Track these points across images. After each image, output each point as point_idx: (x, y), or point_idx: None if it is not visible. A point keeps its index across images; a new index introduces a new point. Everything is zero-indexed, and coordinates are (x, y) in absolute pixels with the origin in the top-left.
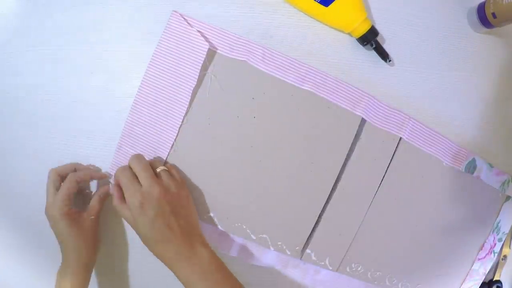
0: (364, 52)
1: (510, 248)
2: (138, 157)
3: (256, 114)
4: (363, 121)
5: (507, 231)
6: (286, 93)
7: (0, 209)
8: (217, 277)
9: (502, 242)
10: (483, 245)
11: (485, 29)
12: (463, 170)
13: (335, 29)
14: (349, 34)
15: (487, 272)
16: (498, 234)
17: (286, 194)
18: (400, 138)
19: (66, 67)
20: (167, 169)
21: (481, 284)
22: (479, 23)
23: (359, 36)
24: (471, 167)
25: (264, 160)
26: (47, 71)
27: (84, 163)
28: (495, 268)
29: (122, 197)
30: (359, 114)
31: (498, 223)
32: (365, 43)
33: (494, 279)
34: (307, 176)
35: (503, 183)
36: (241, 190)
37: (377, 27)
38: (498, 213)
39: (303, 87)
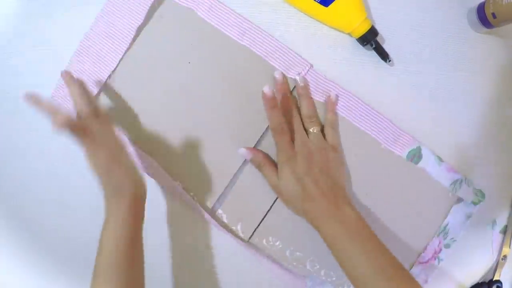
0: (364, 52)
1: (510, 248)
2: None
3: (191, 60)
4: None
5: (456, 238)
6: (224, 45)
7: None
8: (363, 237)
9: (449, 249)
10: (426, 247)
11: (485, 29)
12: (405, 158)
13: (335, 29)
14: (349, 34)
15: (428, 281)
16: (445, 239)
17: (208, 145)
18: None
19: (66, 67)
20: (319, 129)
21: (481, 284)
22: (479, 23)
23: (359, 36)
24: (415, 156)
25: (192, 105)
26: (47, 71)
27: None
28: (495, 268)
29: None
30: (291, 77)
31: (446, 226)
32: (365, 43)
33: (494, 279)
34: (231, 131)
35: (454, 182)
36: (165, 132)
37: (377, 27)
38: (446, 215)
39: (241, 42)
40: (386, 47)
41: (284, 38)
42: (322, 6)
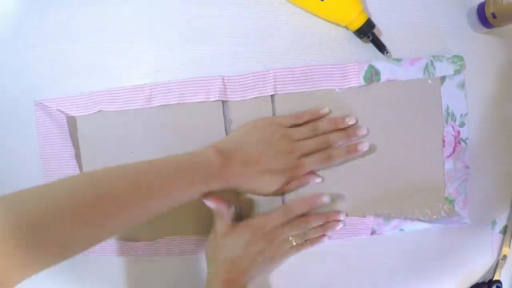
0: (362, 46)
1: (510, 248)
2: None
3: (133, 149)
4: (225, 103)
5: (464, 112)
6: (141, 119)
7: None
8: None
9: (464, 127)
10: (444, 141)
11: (485, 29)
12: (364, 83)
13: (332, 22)
14: (346, 27)
15: (468, 164)
16: (456, 121)
17: None
18: (273, 95)
19: (66, 67)
20: None
21: (481, 284)
22: (479, 23)
23: (355, 29)
24: (373, 74)
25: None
26: (47, 71)
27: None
28: (495, 268)
29: None
30: (213, 99)
31: (448, 109)
32: (362, 36)
33: (494, 279)
34: None
35: (425, 68)
36: None
37: (375, 22)
38: (440, 100)
39: (152, 105)
40: (385, 44)
41: (284, 38)
42: (318, 0)
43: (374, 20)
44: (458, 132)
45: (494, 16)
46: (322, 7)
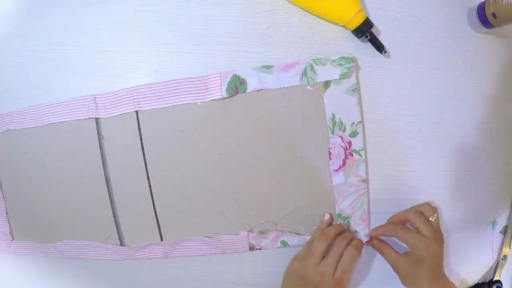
0: (361, 46)
1: (510, 248)
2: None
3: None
4: (99, 121)
5: (357, 119)
6: (37, 138)
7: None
8: None
9: (357, 137)
10: (330, 153)
11: (485, 29)
12: (226, 94)
13: (330, 22)
14: (344, 26)
15: (364, 178)
16: (345, 131)
17: (79, 203)
18: (137, 111)
19: (66, 67)
20: None
21: (481, 284)
22: (479, 23)
23: (354, 28)
24: (237, 85)
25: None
26: (47, 71)
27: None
28: (495, 268)
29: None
30: (86, 117)
31: (333, 118)
32: (360, 35)
33: (494, 279)
34: (84, 191)
35: (304, 73)
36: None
37: (375, 26)
38: (324, 108)
39: (43, 124)
40: (385, 46)
41: (284, 38)
42: None
43: (373, 19)
44: (349, 142)
45: (494, 16)
46: (321, 7)
